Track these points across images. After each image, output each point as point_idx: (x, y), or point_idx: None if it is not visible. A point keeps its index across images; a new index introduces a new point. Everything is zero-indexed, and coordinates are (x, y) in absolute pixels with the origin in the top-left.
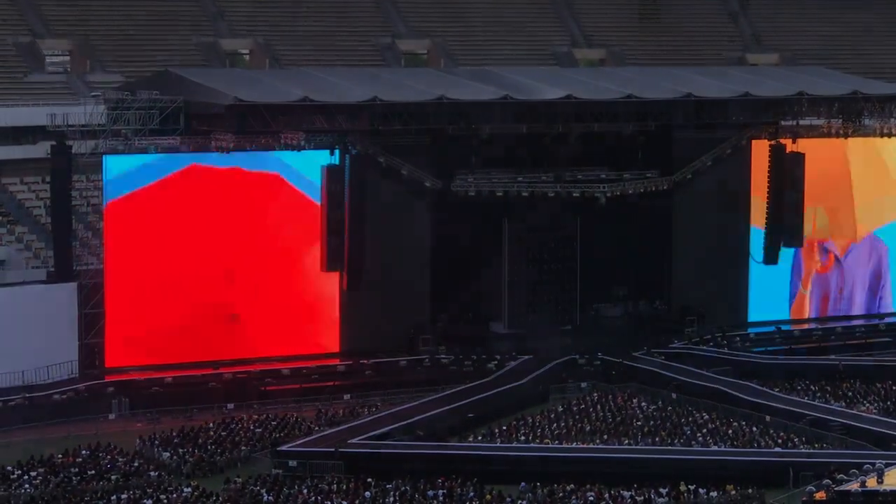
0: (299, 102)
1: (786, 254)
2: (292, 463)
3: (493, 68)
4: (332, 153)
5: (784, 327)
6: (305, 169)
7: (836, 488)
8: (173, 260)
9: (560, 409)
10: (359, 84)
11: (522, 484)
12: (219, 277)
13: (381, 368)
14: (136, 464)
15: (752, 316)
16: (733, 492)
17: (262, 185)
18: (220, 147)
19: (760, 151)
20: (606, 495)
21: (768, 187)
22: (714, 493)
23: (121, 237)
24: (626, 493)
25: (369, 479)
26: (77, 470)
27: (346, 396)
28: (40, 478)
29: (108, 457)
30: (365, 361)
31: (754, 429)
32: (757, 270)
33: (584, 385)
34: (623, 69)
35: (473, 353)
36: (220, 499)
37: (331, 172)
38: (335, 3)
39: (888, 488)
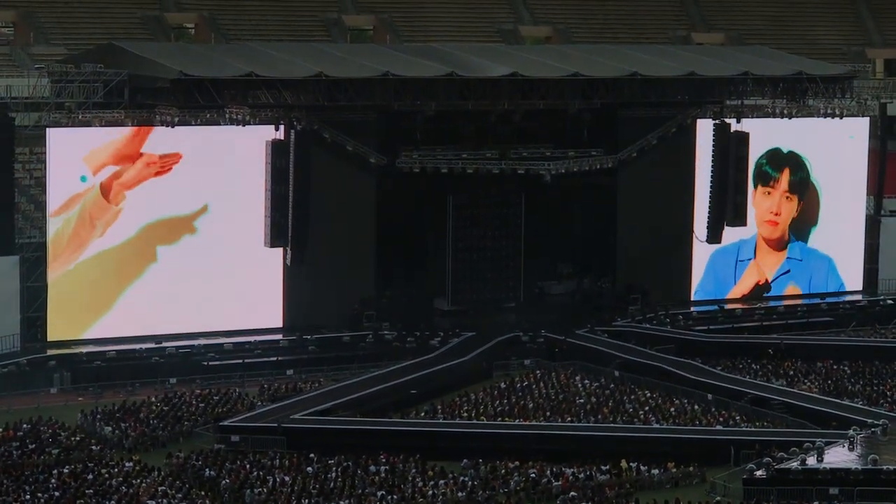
0: (245, 77)
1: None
2: (235, 438)
3: (439, 45)
4: (276, 128)
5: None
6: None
7: (776, 466)
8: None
9: (503, 385)
10: (304, 59)
11: (465, 460)
12: (162, 252)
13: (324, 344)
14: (77, 438)
15: (696, 294)
16: (674, 469)
17: (206, 159)
18: (164, 121)
19: (705, 130)
20: (548, 472)
21: (712, 166)
22: (655, 471)
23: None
24: (569, 470)
25: (311, 455)
26: (18, 444)
27: (289, 372)
28: None
29: (49, 431)
30: (308, 337)
31: (696, 407)
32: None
33: (527, 362)
34: (569, 47)
35: (417, 329)
36: (162, 473)
37: (275, 148)
38: None
39: (827, 466)
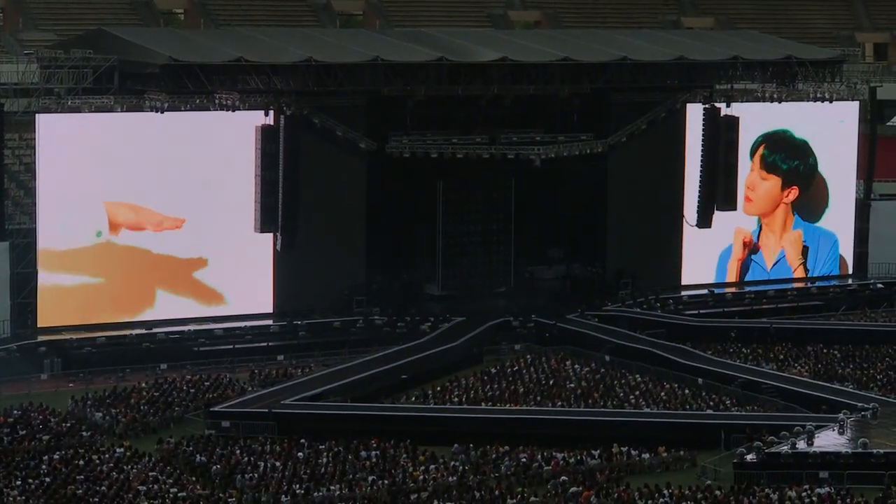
0: (234, 62)
1: None
2: (225, 423)
3: (429, 30)
4: (266, 114)
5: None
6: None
7: (766, 450)
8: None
9: (493, 370)
10: (294, 44)
11: (455, 445)
12: (154, 238)
13: (314, 329)
14: (68, 424)
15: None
16: (665, 454)
17: (198, 145)
18: (153, 107)
19: (695, 115)
20: (539, 456)
21: (702, 151)
22: (646, 455)
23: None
24: (559, 455)
25: (302, 440)
26: (9, 430)
27: (280, 357)
28: None
29: (40, 417)
30: (298, 322)
31: (686, 391)
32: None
33: (517, 347)
34: (559, 31)
35: (407, 314)
36: (153, 459)
37: (265, 133)
38: None
39: (817, 450)
